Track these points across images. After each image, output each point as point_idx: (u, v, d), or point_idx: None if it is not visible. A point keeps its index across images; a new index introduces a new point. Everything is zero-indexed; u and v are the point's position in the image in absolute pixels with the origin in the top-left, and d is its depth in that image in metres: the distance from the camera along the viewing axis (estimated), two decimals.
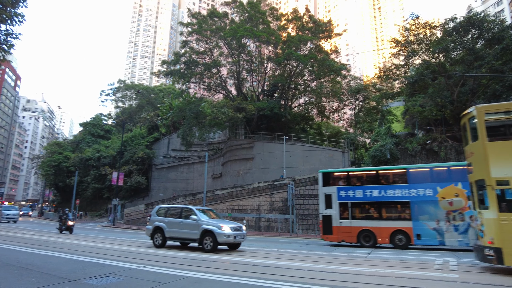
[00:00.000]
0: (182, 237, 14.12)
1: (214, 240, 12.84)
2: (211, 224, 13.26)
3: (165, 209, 15.53)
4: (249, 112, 34.71)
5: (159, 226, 14.54)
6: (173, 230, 14.19)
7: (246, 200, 30.99)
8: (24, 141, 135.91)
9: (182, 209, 14.82)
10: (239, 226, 13.78)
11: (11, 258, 10.32)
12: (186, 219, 14.02)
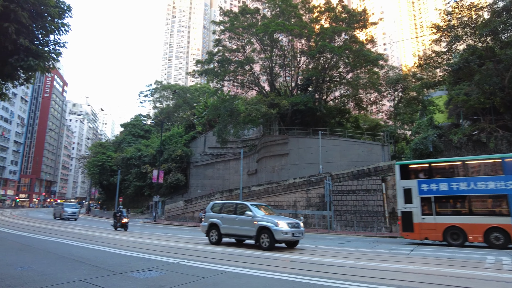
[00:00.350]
0: (238, 234, 13.64)
1: (271, 238, 12.19)
2: (267, 221, 12.61)
3: (220, 205, 15.18)
4: (283, 107, 34.51)
5: (214, 222, 14.21)
6: (228, 226, 13.75)
7: (282, 196, 30.91)
8: (71, 143, 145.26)
9: (236, 205, 14.33)
10: (296, 223, 12.99)
11: (65, 251, 11.06)
12: (241, 215, 13.48)
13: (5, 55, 5.57)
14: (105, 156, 61.76)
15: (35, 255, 10.13)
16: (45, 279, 6.94)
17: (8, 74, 5.87)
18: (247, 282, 7.03)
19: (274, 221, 12.39)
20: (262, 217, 12.98)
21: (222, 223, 13.94)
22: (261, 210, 13.81)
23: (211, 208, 15.01)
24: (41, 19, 6.06)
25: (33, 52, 5.80)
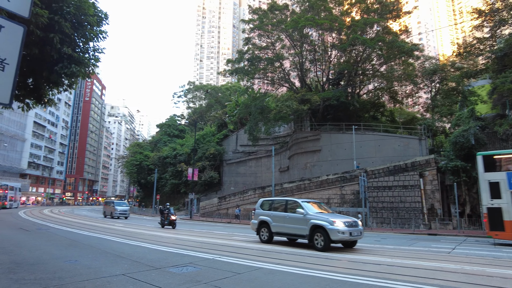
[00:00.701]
0: (289, 233, 12.87)
1: (325, 237, 11.27)
2: (321, 219, 11.73)
3: (269, 202, 14.41)
4: (314, 103, 34.06)
5: (264, 220, 13.69)
6: (279, 225, 13.11)
7: (315, 193, 30.60)
8: (110, 143, 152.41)
9: (287, 202, 13.60)
10: (354, 221, 11.98)
11: (107, 246, 11.70)
12: (292, 212, 12.74)
13: (51, 63, 5.99)
14: (142, 156, 64.28)
15: (81, 250, 10.80)
16: (90, 272, 7.40)
17: (54, 81, 6.32)
18: (281, 278, 7.07)
19: (329, 220, 11.51)
20: (315, 215, 12.18)
21: (273, 221, 13.36)
22: (314, 207, 12.96)
23: (261, 205, 14.46)
24: (82, 27, 6.44)
25: (75, 59, 6.18)
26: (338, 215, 13.13)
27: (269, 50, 39.68)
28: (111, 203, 37.25)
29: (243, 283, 6.54)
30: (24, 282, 6.46)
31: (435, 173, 25.87)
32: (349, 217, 12.66)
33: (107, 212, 36.35)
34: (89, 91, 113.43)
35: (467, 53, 30.38)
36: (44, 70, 6.06)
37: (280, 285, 6.45)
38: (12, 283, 6.43)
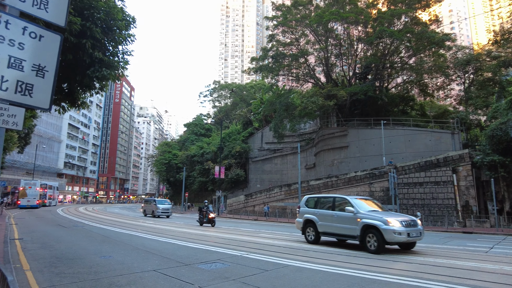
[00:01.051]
0: (337, 233, 11.79)
1: (379, 238, 10.15)
2: (373, 218, 10.61)
3: (315, 200, 13.39)
4: (341, 98, 33.46)
5: (310, 219, 12.76)
6: (326, 224, 12.11)
7: (342, 190, 30.11)
8: (140, 143, 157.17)
9: (334, 199, 12.48)
10: (412, 220, 10.76)
11: (138, 243, 12.11)
12: (340, 211, 11.73)
13: (83, 68, 6.28)
14: (171, 155, 65.85)
15: (114, 246, 11.25)
16: (123, 268, 7.71)
17: (86, 84, 6.62)
18: (309, 276, 7.04)
19: (383, 219, 10.35)
20: (367, 213, 11.02)
21: (319, 220, 12.36)
22: (366, 205, 11.77)
23: (305, 202, 13.58)
24: (111, 32, 6.69)
25: (106, 63, 6.44)
26: (393, 213, 12.11)
27: (293, 46, 39.36)
28: (152, 201, 34.67)
29: (270, 280, 6.58)
30: (64, 276, 6.83)
31: (469, 169, 24.72)
32: (407, 216, 11.50)
33: (147, 210, 33.97)
34: (118, 93, 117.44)
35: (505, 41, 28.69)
36: (78, 75, 6.36)
37: (309, 283, 6.42)
38: (53, 276, 6.81)
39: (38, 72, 1.66)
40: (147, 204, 35.41)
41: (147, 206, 34.80)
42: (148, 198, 40.38)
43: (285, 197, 34.82)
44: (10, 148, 22.00)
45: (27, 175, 61.01)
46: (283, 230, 19.67)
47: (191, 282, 6.35)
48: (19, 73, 1.60)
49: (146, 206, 35.20)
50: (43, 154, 71.06)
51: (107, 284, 6.16)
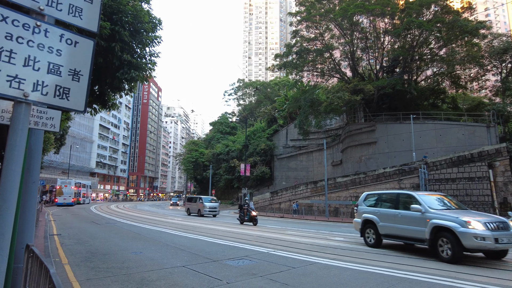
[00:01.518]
0: (402, 235, 9.97)
1: (455, 244, 8.23)
2: (447, 218, 8.72)
3: (375, 197, 11.88)
4: (368, 93, 32.66)
5: (369, 219, 11.21)
6: (388, 225, 10.46)
7: (371, 187, 29.45)
8: (168, 142, 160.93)
9: (398, 196, 10.78)
10: (501, 222, 8.46)
11: (168, 239, 12.44)
12: (405, 209, 9.96)
13: (113, 70, 6.53)
14: (198, 153, 67.06)
15: (145, 243, 11.62)
16: (154, 263, 7.96)
17: (116, 86, 6.88)
18: (336, 274, 6.97)
19: (460, 219, 8.38)
20: (438, 212, 9.13)
21: (380, 220, 10.78)
22: (437, 202, 9.95)
23: (364, 199, 12.17)
24: (138, 34, 6.90)
25: (134, 65, 6.66)
26: (474, 212, 9.91)
27: (318, 41, 38.79)
28: (197, 199, 31.34)
29: (297, 277, 6.57)
30: (98, 270, 7.15)
31: (507, 164, 23.44)
32: (493, 216, 9.50)
33: (192, 209, 31.20)
34: (146, 93, 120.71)
35: None
36: (108, 77, 6.61)
37: (336, 280, 6.36)
38: (89, 270, 7.15)
39: (74, 76, 1.76)
40: (191, 202, 32.39)
41: (191, 204, 31.95)
42: (192, 196, 37.18)
43: (311, 195, 34.53)
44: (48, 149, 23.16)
45: (63, 175, 64.14)
46: (309, 228, 19.55)
47: (219, 278, 6.46)
48: (57, 78, 1.70)
49: (190, 204, 32.35)
50: (77, 154, 74.37)
51: (139, 279, 6.39)
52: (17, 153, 1.51)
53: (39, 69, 1.66)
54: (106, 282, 6.11)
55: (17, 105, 1.57)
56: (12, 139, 1.53)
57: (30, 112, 1.59)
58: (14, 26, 1.58)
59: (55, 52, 1.72)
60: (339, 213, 30.63)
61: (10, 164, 1.51)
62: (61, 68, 1.73)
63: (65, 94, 1.74)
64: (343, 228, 18.77)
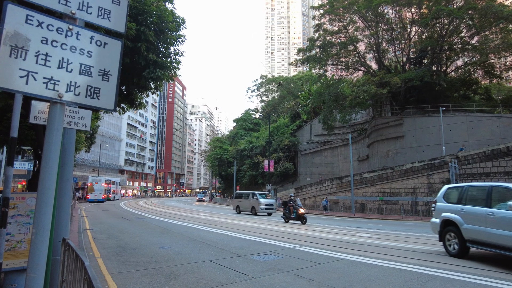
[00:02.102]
0: (496, 244, 7.32)
1: None
2: None
3: (458, 191, 9.10)
4: (394, 85, 31.73)
5: (450, 219, 8.75)
6: (476, 228, 7.89)
7: (398, 182, 28.70)
8: (193, 140, 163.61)
9: (490, 190, 7.94)
10: None
11: (195, 234, 12.69)
12: (501, 208, 7.31)
13: (139, 70, 6.72)
14: (222, 150, 67.78)
15: (172, 237, 11.91)
16: (181, 258, 8.15)
17: (142, 85, 7.09)
18: (363, 270, 6.87)
19: None
20: None
21: (464, 222, 8.26)
22: None
23: (444, 195, 9.61)
24: (163, 34, 7.05)
25: (160, 64, 6.82)
26: None
27: (342, 34, 38.05)
28: (249, 195, 28.13)
29: (323, 273, 6.53)
30: (129, 264, 7.42)
31: None
32: None
33: (243, 206, 28.17)
34: (171, 92, 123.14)
35: None
36: (134, 77, 6.81)
37: (363, 277, 6.27)
38: (120, 263, 7.43)
39: (103, 76, 1.84)
40: (241, 199, 29.24)
41: (241, 201, 28.84)
42: (241, 192, 32.80)
43: (336, 191, 34.10)
44: (79, 148, 24.15)
45: (93, 172, 66.76)
46: (335, 224, 19.34)
47: (245, 273, 6.53)
48: (88, 79, 1.78)
49: (240, 201, 29.13)
50: (106, 153, 77.09)
51: (167, 273, 6.57)
52: (54, 150, 1.60)
53: (72, 70, 1.75)
54: (136, 276, 6.33)
55: (53, 106, 1.66)
56: (49, 138, 1.62)
57: (64, 111, 1.68)
58: (49, 31, 1.68)
59: (86, 54, 1.80)
60: (366, 209, 30.07)
61: (47, 162, 1.60)
62: (91, 69, 1.81)
63: (95, 93, 1.82)
64: (370, 225, 18.43)
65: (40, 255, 1.53)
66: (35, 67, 1.62)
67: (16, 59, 1.58)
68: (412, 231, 15.10)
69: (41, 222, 1.56)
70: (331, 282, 5.91)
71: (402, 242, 11.13)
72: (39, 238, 1.54)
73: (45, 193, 1.60)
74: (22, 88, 1.58)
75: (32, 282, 1.51)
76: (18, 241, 4.57)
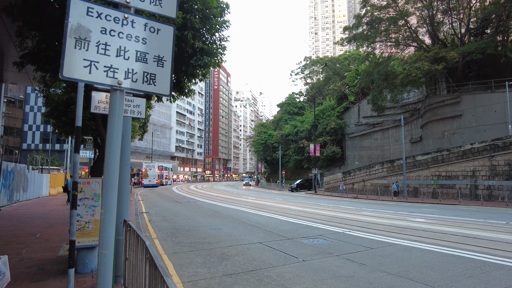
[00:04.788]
0: None
1: None
2: None
3: None
4: (451, 60, 29.25)
5: None
6: None
7: (455, 165, 26.80)
8: (238, 126, 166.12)
9: None
10: None
11: (243, 217, 13.00)
12: None
13: (187, 58, 6.87)
14: (267, 135, 68.04)
15: (222, 220, 12.31)
16: (232, 239, 8.41)
17: (190, 73, 7.25)
18: (418, 256, 6.57)
19: None
20: None
21: None
22: None
23: None
24: (208, 20, 7.10)
25: (206, 51, 6.91)
26: None
27: (391, 9, 35.65)
28: None
29: (375, 258, 6.36)
30: (183, 245, 7.82)
31: None
32: None
33: None
34: (217, 80, 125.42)
35: None
36: (183, 65, 6.98)
37: (418, 263, 6.01)
38: (175, 244, 7.87)
39: (158, 62, 1.89)
40: None
41: None
42: None
43: (387, 174, 32.77)
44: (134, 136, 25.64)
45: (147, 159, 70.81)
46: (386, 208, 18.70)
47: (295, 256, 6.57)
48: (144, 65, 1.84)
49: None
50: (158, 140, 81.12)
51: (219, 253, 6.83)
52: (116, 136, 1.69)
53: (129, 58, 1.82)
54: (190, 256, 6.65)
55: (113, 93, 1.75)
56: (111, 124, 1.71)
57: (123, 98, 1.76)
58: (107, 21, 1.75)
59: (141, 41, 1.85)
60: (419, 193, 28.61)
61: (111, 146, 1.70)
62: (146, 55, 1.87)
63: (151, 79, 1.87)
64: (424, 209, 17.54)
65: (109, 233, 1.65)
66: (96, 57, 1.71)
67: (80, 50, 1.67)
68: (471, 216, 14.11)
69: (108, 204, 1.67)
70: (384, 267, 5.74)
71: (461, 228, 10.45)
72: (108, 218, 1.65)
73: (110, 176, 1.71)
74: (86, 77, 1.68)
75: (104, 258, 1.63)
76: (86, 222, 5.00)
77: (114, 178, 1.70)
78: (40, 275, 5.01)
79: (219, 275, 5.31)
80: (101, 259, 1.64)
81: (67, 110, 10.11)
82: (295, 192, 42.24)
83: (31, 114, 65.32)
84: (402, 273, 5.38)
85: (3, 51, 12.27)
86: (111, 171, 1.71)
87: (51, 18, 5.17)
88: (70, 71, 1.64)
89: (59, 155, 60.07)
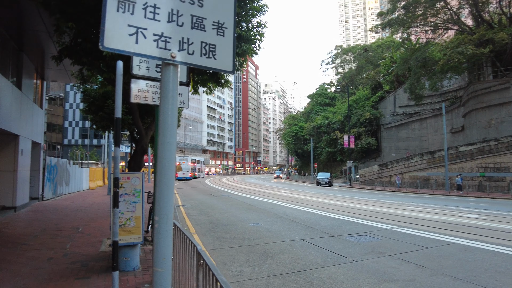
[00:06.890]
0: None
1: None
2: None
3: None
4: (499, 43, 26.98)
5: None
6: None
7: (505, 156, 24.83)
8: (268, 118, 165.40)
9: None
10: None
11: (281, 212, 12.62)
12: None
13: None
14: (297, 127, 66.97)
15: (259, 214, 12.00)
16: (272, 235, 8.05)
17: None
18: (485, 258, 5.88)
19: None
20: None
21: None
22: None
23: None
24: (245, 5, 6.68)
25: (244, 38, 6.52)
26: None
27: None
28: None
29: (434, 259, 5.75)
30: (223, 240, 7.56)
31: None
32: None
33: None
34: (245, 73, 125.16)
35: None
36: None
37: (487, 266, 5.34)
38: (214, 240, 7.62)
39: (218, 30, 1.51)
40: None
41: None
42: None
43: (427, 166, 31.08)
44: None
45: (180, 153, 72.13)
46: (429, 202, 17.62)
47: (344, 255, 6.10)
48: (202, 33, 1.47)
49: None
50: (190, 134, 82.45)
51: (262, 251, 6.48)
52: (171, 122, 1.35)
53: (183, 24, 1.44)
54: (231, 253, 6.37)
55: (165, 68, 1.39)
56: (164, 108, 1.36)
57: (178, 75, 1.39)
58: None
59: (196, 3, 1.48)
60: (463, 186, 26.88)
61: (165, 136, 1.36)
62: (204, 21, 1.49)
63: (211, 52, 1.49)
64: (472, 203, 16.31)
65: (166, 246, 1.27)
66: (144, 22, 1.33)
67: (123, 14, 1.29)
68: None
69: (164, 209, 1.32)
70: (447, 270, 5.14)
71: None
72: (163, 227, 1.28)
73: (165, 173, 1.35)
74: (132, 48, 1.30)
75: (160, 278, 1.25)
76: (127, 219, 4.82)
77: (170, 176, 1.35)
78: (84, 271, 4.92)
79: (265, 275, 4.96)
80: (157, 278, 1.27)
81: (104, 105, 10.16)
82: (324, 186, 40.21)
83: (71, 111, 68.59)
84: (471, 278, 4.77)
85: (43, 48, 12.60)
86: (167, 167, 1.36)
87: (86, 8, 5.01)
88: (112, 41, 1.26)
89: (97, 150, 62.67)
